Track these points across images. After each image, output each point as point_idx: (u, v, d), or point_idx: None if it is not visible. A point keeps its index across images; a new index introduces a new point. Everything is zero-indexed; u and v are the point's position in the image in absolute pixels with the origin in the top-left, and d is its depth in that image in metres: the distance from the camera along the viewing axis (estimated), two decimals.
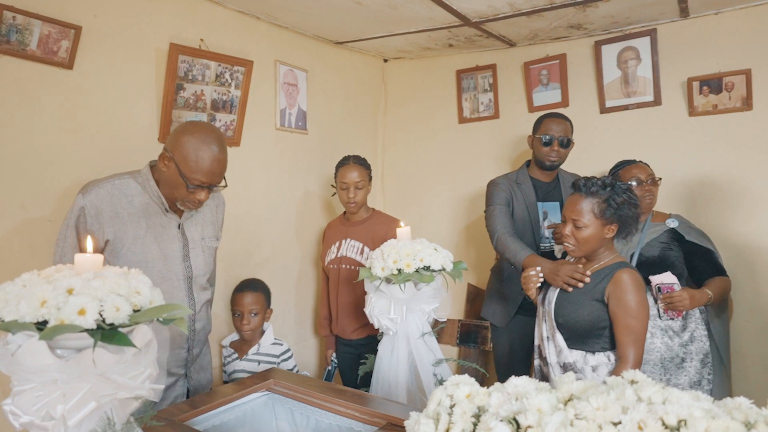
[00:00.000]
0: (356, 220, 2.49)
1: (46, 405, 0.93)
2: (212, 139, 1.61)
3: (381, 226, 2.43)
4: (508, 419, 0.80)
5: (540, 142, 2.36)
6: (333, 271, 2.49)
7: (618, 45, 2.69)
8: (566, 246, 1.74)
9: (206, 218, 1.83)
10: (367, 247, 2.40)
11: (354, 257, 2.42)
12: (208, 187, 1.62)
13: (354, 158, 2.46)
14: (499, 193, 2.38)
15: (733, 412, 0.73)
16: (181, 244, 1.73)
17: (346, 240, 2.47)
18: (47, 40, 1.80)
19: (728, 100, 2.46)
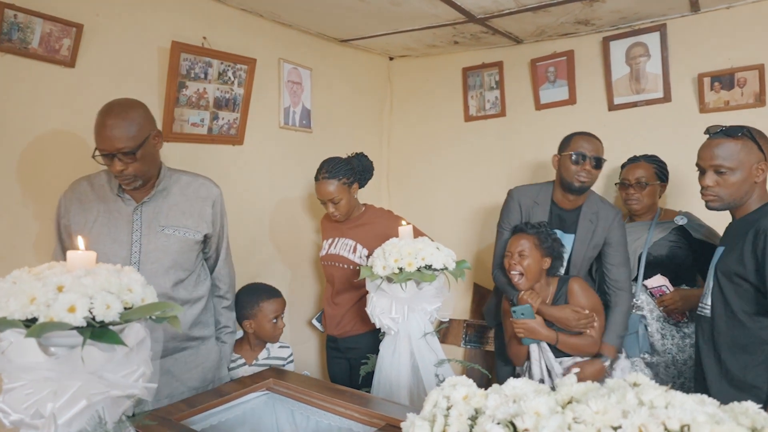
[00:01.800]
0: (349, 219, 2.37)
1: (36, 403, 0.92)
2: (110, 106, 1.59)
3: (374, 226, 2.31)
4: (505, 422, 0.78)
5: (569, 159, 2.04)
6: (325, 267, 2.43)
7: (627, 41, 2.64)
8: (516, 276, 1.95)
9: (179, 207, 1.76)
10: (359, 245, 2.31)
11: (347, 256, 2.32)
12: (115, 156, 1.57)
13: (325, 171, 2.22)
14: (510, 214, 2.18)
15: (739, 417, 0.70)
16: (131, 227, 1.68)
17: (340, 239, 2.38)
18: (49, 39, 1.80)
19: (740, 96, 2.40)
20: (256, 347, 2.16)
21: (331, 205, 2.25)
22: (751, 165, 1.57)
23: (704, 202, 1.68)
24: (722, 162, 1.58)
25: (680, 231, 2.18)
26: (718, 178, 1.60)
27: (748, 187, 1.59)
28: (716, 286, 1.64)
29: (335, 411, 1.56)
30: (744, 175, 1.57)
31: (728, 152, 1.58)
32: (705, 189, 1.64)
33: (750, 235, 1.54)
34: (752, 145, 1.57)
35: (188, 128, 2.23)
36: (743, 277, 1.55)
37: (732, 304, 1.58)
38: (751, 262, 1.52)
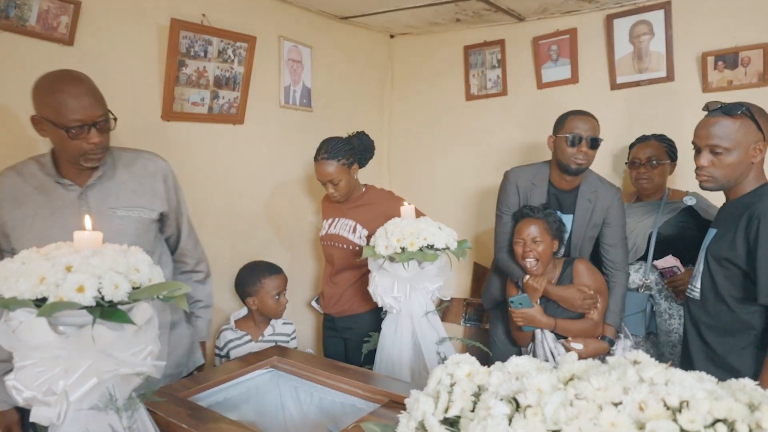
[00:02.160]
0: (350, 199, 2.34)
1: (47, 380, 0.94)
2: (68, 76, 1.47)
3: (375, 206, 2.30)
4: (508, 398, 0.80)
5: (565, 141, 1.99)
6: (325, 247, 2.42)
7: (631, 18, 2.61)
8: (531, 263, 1.95)
9: (127, 186, 1.63)
10: (359, 225, 2.29)
11: (347, 236, 2.31)
12: (93, 126, 1.45)
13: (324, 152, 2.19)
14: (509, 197, 2.14)
15: (737, 394, 0.72)
16: (78, 214, 1.50)
17: (339, 219, 2.36)
18: (46, 16, 1.78)
19: (744, 76, 2.39)
20: (261, 324, 2.19)
21: (331, 186, 2.22)
22: (749, 145, 1.52)
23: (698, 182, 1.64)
24: (718, 142, 1.53)
25: (689, 211, 2.19)
26: (713, 158, 1.55)
27: (744, 168, 1.54)
28: (706, 270, 1.63)
29: (338, 388, 1.59)
30: (741, 155, 1.52)
31: (725, 131, 1.52)
32: (699, 169, 1.59)
33: (743, 220, 1.51)
34: (751, 124, 1.52)
35: (188, 107, 2.21)
36: (733, 262, 1.53)
37: (720, 288, 1.57)
38: (743, 247, 1.50)
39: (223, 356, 2.14)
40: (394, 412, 1.28)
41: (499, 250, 2.17)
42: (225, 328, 2.20)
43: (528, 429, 0.72)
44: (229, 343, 2.14)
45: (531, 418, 0.73)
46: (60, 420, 0.95)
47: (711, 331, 1.62)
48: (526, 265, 1.97)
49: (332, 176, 2.18)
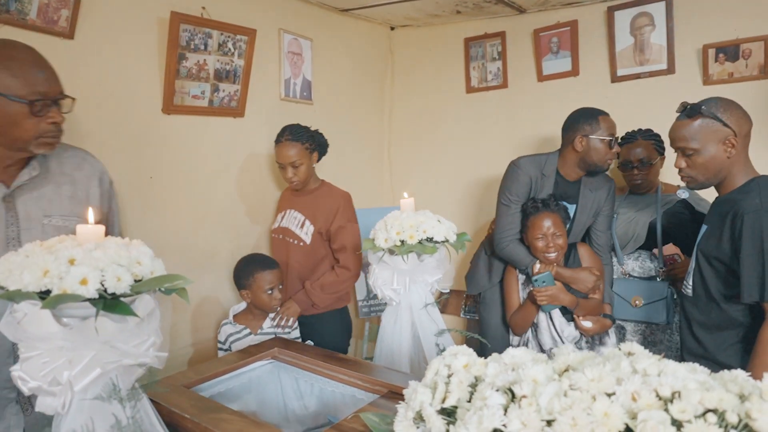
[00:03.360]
0: (303, 190, 2.37)
1: (52, 371, 0.96)
2: (19, 43, 1.32)
3: (327, 200, 2.31)
4: (504, 389, 0.81)
5: (603, 143, 1.99)
6: (275, 241, 2.41)
7: (632, 10, 2.60)
8: (552, 256, 1.99)
9: (62, 192, 1.41)
10: (308, 221, 2.30)
11: (294, 230, 2.31)
12: (54, 102, 1.31)
13: (288, 134, 2.23)
14: (520, 187, 2.13)
15: (728, 384, 0.73)
16: (4, 222, 1.31)
17: (290, 211, 2.37)
18: (47, 9, 1.78)
19: (745, 68, 2.38)
20: (259, 317, 2.19)
21: (291, 170, 2.23)
22: (718, 142, 1.52)
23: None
24: (686, 144, 1.55)
25: (683, 204, 2.21)
26: (687, 160, 1.58)
27: (721, 164, 1.54)
28: (697, 267, 1.64)
29: (338, 378, 1.61)
30: (711, 153, 1.53)
31: (690, 133, 1.54)
32: (679, 171, 1.63)
33: (729, 218, 1.51)
34: (713, 122, 1.52)
35: (189, 100, 2.22)
36: (721, 260, 1.54)
37: (710, 286, 1.58)
38: (729, 245, 1.51)
39: (225, 350, 2.15)
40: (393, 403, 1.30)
41: (503, 238, 2.14)
42: (225, 323, 2.19)
43: (523, 419, 0.73)
44: (229, 338, 2.15)
45: (526, 408, 0.74)
46: (65, 409, 0.97)
47: (702, 328, 1.63)
48: (548, 258, 2.01)
49: (294, 158, 2.21)
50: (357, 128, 3.23)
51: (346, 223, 2.29)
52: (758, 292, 1.42)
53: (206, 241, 2.38)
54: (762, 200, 1.46)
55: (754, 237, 1.43)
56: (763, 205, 1.45)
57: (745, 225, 1.45)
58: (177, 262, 2.23)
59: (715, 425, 0.64)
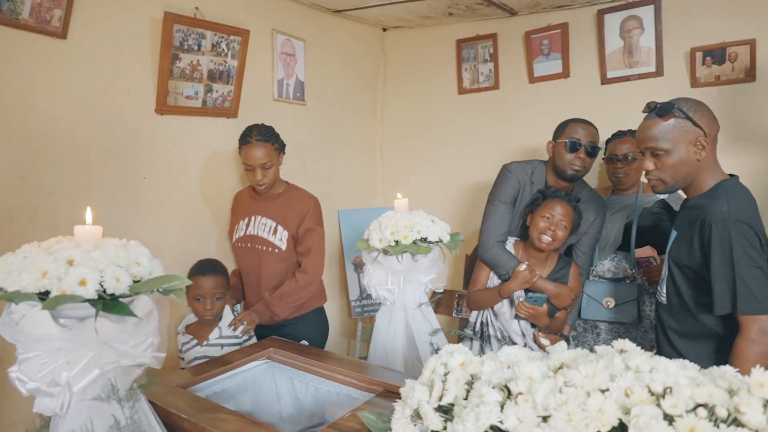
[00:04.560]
0: (268, 194, 2.24)
1: (51, 372, 0.96)
2: None
3: (297, 203, 2.22)
4: (500, 386, 0.83)
5: (564, 147, 2.00)
6: (242, 250, 2.26)
7: (621, 14, 2.64)
8: (546, 240, 1.96)
9: None
10: (280, 226, 2.19)
11: (266, 237, 2.19)
12: None
13: (257, 133, 2.12)
14: (508, 190, 2.12)
15: (717, 380, 0.75)
16: None
17: (256, 217, 2.23)
18: (39, 9, 1.77)
19: (731, 71, 2.43)
20: (206, 327, 2.06)
21: (260, 172, 2.11)
22: (688, 143, 1.47)
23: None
24: (656, 144, 1.48)
25: (662, 205, 2.25)
26: (656, 161, 1.51)
27: (690, 167, 1.49)
28: (670, 275, 1.59)
29: (333, 378, 1.62)
30: (681, 155, 1.47)
31: (661, 133, 1.47)
32: (647, 173, 1.55)
33: (697, 225, 1.47)
34: (685, 122, 1.46)
35: (182, 101, 2.22)
36: (693, 269, 1.50)
37: (684, 294, 1.54)
38: (700, 254, 1.46)
39: (182, 359, 2.06)
40: (389, 401, 1.31)
41: (487, 240, 2.11)
42: (178, 332, 2.10)
43: (519, 415, 0.75)
44: (182, 347, 2.06)
45: (522, 405, 0.76)
46: (63, 410, 0.97)
47: (679, 337, 1.59)
48: (540, 239, 1.95)
49: (265, 160, 2.10)
50: (349, 129, 3.24)
51: (315, 226, 2.21)
52: (730, 304, 1.39)
53: (200, 241, 2.38)
54: (730, 208, 1.42)
55: (723, 247, 1.39)
56: (731, 214, 1.40)
57: (713, 235, 1.41)
58: (171, 263, 2.23)
59: (705, 419, 0.67)
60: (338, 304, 3.22)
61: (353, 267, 3.12)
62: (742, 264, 1.37)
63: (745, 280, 1.36)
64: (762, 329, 1.36)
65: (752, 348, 1.36)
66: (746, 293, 1.36)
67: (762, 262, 1.40)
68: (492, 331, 2.08)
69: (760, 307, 1.36)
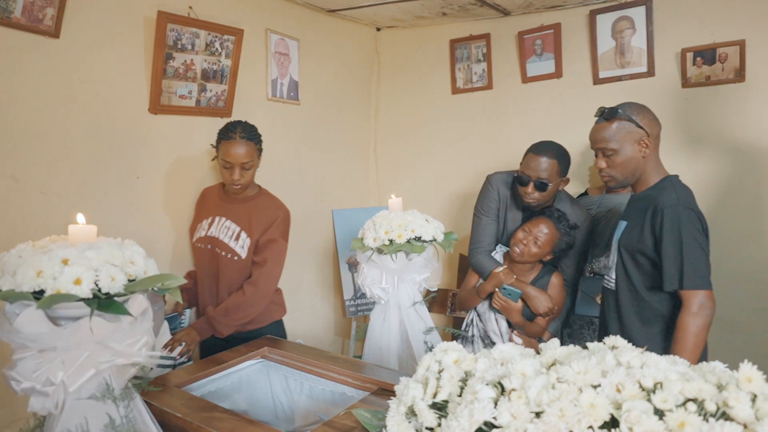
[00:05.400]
0: (238, 196, 2.08)
1: (46, 371, 0.96)
2: None
3: (266, 210, 2.06)
4: (494, 383, 0.84)
5: (518, 177, 2.00)
6: (201, 251, 2.07)
7: (613, 14, 2.66)
8: (516, 251, 1.98)
9: None
10: (244, 233, 2.02)
11: (227, 242, 2.02)
12: None
13: (242, 130, 1.98)
14: (489, 202, 2.14)
15: (707, 375, 0.77)
16: None
17: (221, 218, 2.06)
18: (31, 8, 1.76)
19: (721, 72, 2.46)
20: None
21: (239, 171, 1.97)
22: (633, 142, 1.64)
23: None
24: (605, 144, 1.66)
25: None
26: (607, 160, 1.67)
27: (637, 164, 1.65)
28: (619, 261, 1.71)
29: (328, 377, 1.63)
30: (628, 153, 1.64)
31: (608, 134, 1.65)
32: (600, 171, 1.71)
33: (649, 212, 1.61)
34: (628, 123, 1.64)
35: (176, 100, 2.21)
36: (644, 253, 1.62)
37: (633, 279, 1.66)
38: (650, 238, 1.60)
39: None
40: (384, 399, 1.32)
41: (473, 249, 2.17)
42: None
43: (512, 411, 0.76)
44: None
45: (515, 401, 0.77)
46: (58, 409, 0.97)
47: (629, 321, 1.69)
48: (513, 248, 1.99)
49: (246, 159, 1.97)
50: (343, 128, 3.25)
51: (278, 238, 2.04)
52: (678, 280, 1.53)
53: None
54: (678, 195, 1.59)
55: (673, 230, 1.54)
56: (680, 200, 1.57)
57: (665, 218, 1.55)
58: (164, 262, 2.22)
59: (694, 413, 0.68)
60: (332, 304, 3.22)
61: (347, 266, 3.13)
62: (688, 244, 1.53)
63: (691, 259, 1.52)
64: (702, 303, 1.51)
65: (694, 320, 1.51)
66: (691, 270, 1.52)
67: (705, 244, 1.57)
68: (476, 331, 2.11)
69: (701, 282, 1.52)
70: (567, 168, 2.02)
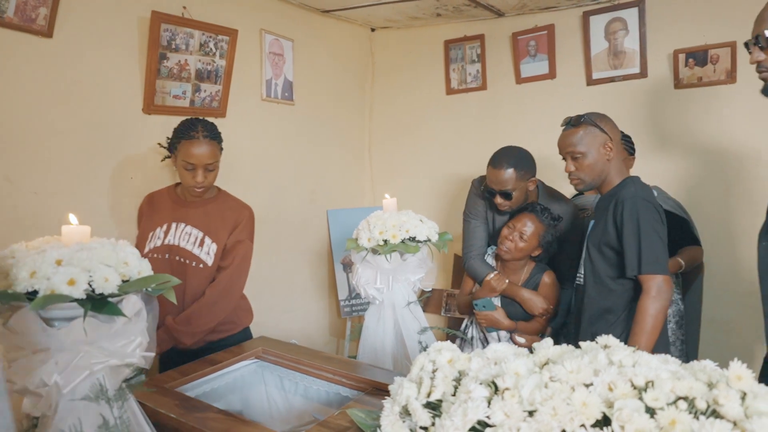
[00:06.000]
0: (195, 199, 1.93)
1: (39, 372, 0.96)
2: None
3: (230, 213, 1.96)
4: (487, 382, 0.84)
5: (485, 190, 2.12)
6: (159, 262, 1.86)
7: (606, 16, 2.68)
8: (503, 249, 2.04)
9: None
10: (208, 238, 1.88)
11: (191, 249, 1.87)
12: None
13: (204, 129, 1.85)
14: (477, 206, 2.21)
15: (697, 374, 0.78)
16: None
17: (178, 224, 1.90)
18: (24, 7, 1.75)
19: (713, 73, 2.48)
20: None
21: (202, 173, 1.84)
22: (598, 146, 1.76)
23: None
24: (574, 148, 1.77)
25: None
26: (575, 163, 1.79)
27: (602, 166, 1.77)
28: (587, 257, 1.82)
29: (323, 377, 1.63)
30: (594, 156, 1.76)
31: (576, 139, 1.77)
32: (569, 175, 1.82)
33: (611, 206, 1.73)
34: (593, 128, 1.76)
35: (170, 101, 2.21)
36: (608, 245, 1.73)
37: (599, 271, 1.76)
38: (613, 229, 1.71)
39: None
40: (378, 399, 1.32)
41: (465, 254, 2.22)
42: None
43: (506, 410, 0.76)
44: None
45: (509, 400, 0.77)
46: (52, 411, 0.97)
47: (595, 313, 1.78)
48: (500, 247, 2.05)
49: (211, 160, 1.85)
50: (338, 129, 3.25)
51: (246, 239, 1.97)
52: (637, 266, 1.64)
53: None
54: (637, 189, 1.71)
55: (632, 219, 1.66)
56: (638, 193, 1.69)
57: (625, 209, 1.67)
58: None
59: (685, 411, 0.69)
60: (327, 304, 3.22)
61: (342, 267, 3.13)
62: (646, 232, 1.64)
63: (649, 246, 1.63)
64: (659, 287, 1.62)
65: (653, 303, 1.61)
66: (650, 256, 1.63)
67: (662, 233, 1.68)
68: (475, 332, 2.15)
69: (659, 267, 1.63)
70: (529, 170, 2.07)
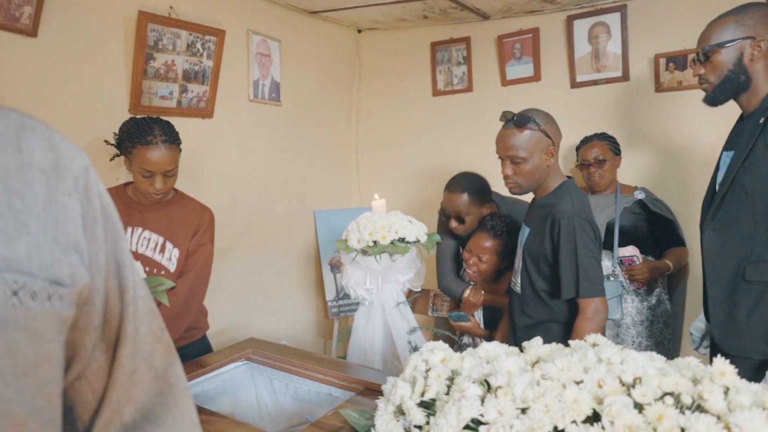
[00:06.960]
0: (152, 201, 1.80)
1: None
2: None
3: (191, 215, 1.86)
4: (480, 381, 0.86)
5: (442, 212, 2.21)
6: None
7: (589, 20, 2.73)
8: (471, 273, 2.08)
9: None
10: (169, 243, 1.78)
11: (151, 256, 1.75)
12: None
13: (161, 132, 1.71)
14: (443, 224, 2.28)
15: (682, 370, 0.81)
16: None
17: (136, 229, 1.76)
18: (8, 6, 1.73)
19: (692, 77, 2.53)
20: None
21: (161, 180, 1.71)
22: (541, 152, 1.66)
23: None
24: (515, 153, 1.66)
25: (639, 204, 2.33)
26: (514, 167, 1.68)
27: (542, 172, 1.68)
28: (524, 267, 1.77)
29: (313, 377, 1.64)
30: (536, 162, 1.66)
31: (519, 143, 1.65)
32: (505, 178, 1.71)
33: (548, 221, 1.66)
34: (538, 133, 1.65)
35: (157, 101, 2.19)
36: (546, 261, 1.68)
37: (536, 285, 1.72)
38: (550, 247, 1.65)
39: None
40: (370, 399, 1.34)
41: (439, 275, 2.29)
42: None
43: (499, 407, 0.78)
44: None
45: (502, 398, 0.79)
46: None
47: (534, 323, 1.75)
48: (468, 273, 2.11)
49: (171, 166, 1.72)
50: (325, 130, 3.25)
51: (208, 242, 1.89)
52: (574, 289, 1.60)
53: None
54: (574, 206, 1.63)
55: (569, 241, 1.60)
56: (575, 212, 1.62)
57: (561, 230, 1.61)
58: None
59: (671, 406, 0.71)
60: (314, 305, 3.22)
61: (329, 267, 3.13)
62: (583, 255, 1.59)
63: (586, 269, 1.59)
64: (596, 309, 1.59)
65: (589, 325, 1.58)
66: (586, 279, 1.58)
67: (597, 252, 1.64)
68: (466, 339, 2.21)
69: (594, 290, 1.59)
70: (483, 196, 2.11)
